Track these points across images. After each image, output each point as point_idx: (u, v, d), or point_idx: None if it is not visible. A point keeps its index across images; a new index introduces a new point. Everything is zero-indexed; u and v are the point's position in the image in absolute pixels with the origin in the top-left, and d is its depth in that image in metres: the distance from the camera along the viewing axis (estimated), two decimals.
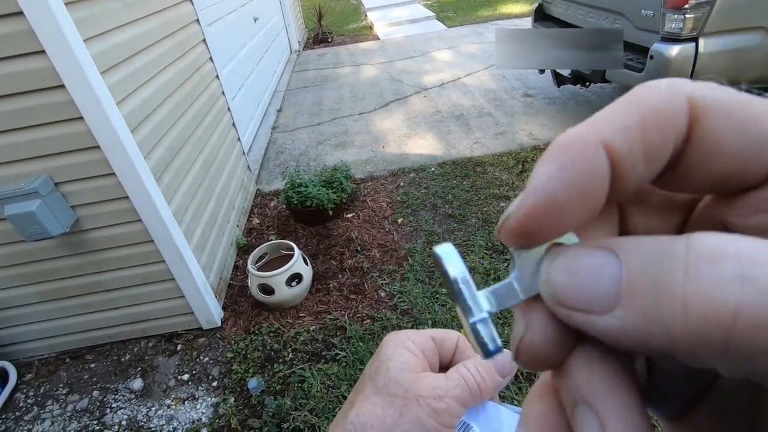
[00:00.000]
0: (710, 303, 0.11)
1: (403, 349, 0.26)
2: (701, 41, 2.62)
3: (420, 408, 0.23)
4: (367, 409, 0.23)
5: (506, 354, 0.18)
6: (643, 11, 2.86)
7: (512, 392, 1.81)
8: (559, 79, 3.93)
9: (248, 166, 3.46)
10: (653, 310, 0.12)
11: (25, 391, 2.18)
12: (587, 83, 3.89)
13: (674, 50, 2.65)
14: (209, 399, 2.02)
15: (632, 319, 0.12)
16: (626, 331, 0.13)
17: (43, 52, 1.51)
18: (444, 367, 0.31)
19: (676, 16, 2.59)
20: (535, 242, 0.15)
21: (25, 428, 2.01)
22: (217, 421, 1.92)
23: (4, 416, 2.07)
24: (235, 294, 2.55)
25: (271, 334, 2.26)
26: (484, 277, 2.39)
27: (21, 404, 2.12)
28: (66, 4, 1.51)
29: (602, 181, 0.14)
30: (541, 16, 4.30)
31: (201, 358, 2.22)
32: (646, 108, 0.14)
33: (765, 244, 0.11)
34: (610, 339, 0.13)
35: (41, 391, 2.17)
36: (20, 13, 1.45)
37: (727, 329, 0.11)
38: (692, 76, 2.68)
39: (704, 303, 0.11)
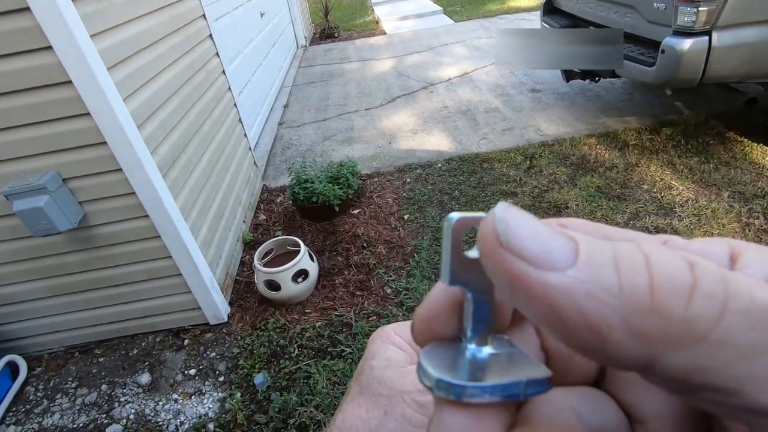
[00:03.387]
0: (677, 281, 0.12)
1: (388, 345, 0.25)
2: (715, 35, 2.56)
3: (405, 404, 0.22)
4: (352, 413, 0.23)
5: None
6: (654, 4, 2.80)
7: None
8: (568, 74, 3.87)
9: (254, 162, 3.46)
10: (612, 279, 0.12)
11: (35, 384, 2.20)
12: (596, 78, 3.83)
13: (687, 44, 2.59)
14: (216, 394, 2.03)
15: (586, 283, 0.12)
16: (573, 294, 0.12)
17: (50, 48, 1.51)
18: None
19: (688, 8, 2.53)
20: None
21: (36, 421, 2.04)
22: (223, 416, 1.93)
23: (14, 409, 2.10)
24: (242, 290, 2.56)
25: (277, 330, 2.27)
26: None
27: (31, 397, 2.15)
28: None
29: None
30: (550, 9, 4.23)
31: (208, 353, 2.23)
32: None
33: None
34: (549, 301, 0.12)
35: (51, 384, 2.19)
36: (27, 9, 1.45)
37: (716, 316, 0.11)
38: (705, 70, 2.63)
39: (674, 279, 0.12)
